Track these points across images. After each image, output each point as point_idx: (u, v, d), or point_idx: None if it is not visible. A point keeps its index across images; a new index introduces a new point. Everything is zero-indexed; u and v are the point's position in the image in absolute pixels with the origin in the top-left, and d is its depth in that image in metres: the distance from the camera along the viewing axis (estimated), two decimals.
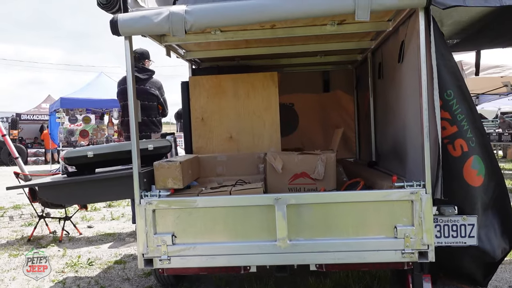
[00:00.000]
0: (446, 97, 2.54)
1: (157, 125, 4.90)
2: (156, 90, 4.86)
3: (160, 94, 4.90)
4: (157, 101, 4.88)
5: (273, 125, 3.31)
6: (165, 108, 4.99)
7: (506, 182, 2.80)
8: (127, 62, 2.42)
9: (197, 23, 2.30)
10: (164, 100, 4.96)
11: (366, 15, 2.22)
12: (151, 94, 4.74)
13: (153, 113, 4.83)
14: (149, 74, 4.84)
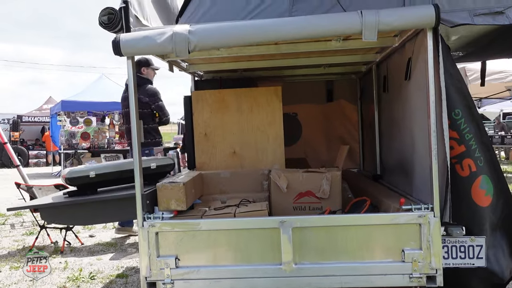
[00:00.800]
0: (454, 117, 2.50)
1: (151, 133, 4.92)
2: (147, 97, 4.86)
3: (152, 101, 4.89)
4: (149, 109, 4.89)
5: (277, 140, 3.27)
6: (162, 115, 4.96)
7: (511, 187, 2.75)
8: (130, 81, 2.38)
9: (200, 43, 2.26)
10: (158, 107, 4.93)
11: (373, 36, 2.18)
12: (141, 102, 4.74)
13: (145, 121, 4.84)
14: (142, 82, 4.86)
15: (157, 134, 5.04)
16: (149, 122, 4.93)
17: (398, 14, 2.18)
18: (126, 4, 2.35)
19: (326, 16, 2.23)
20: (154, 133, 5.00)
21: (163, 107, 4.97)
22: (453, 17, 2.43)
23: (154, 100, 4.91)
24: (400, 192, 2.99)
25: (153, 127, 4.99)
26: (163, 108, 4.96)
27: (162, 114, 4.97)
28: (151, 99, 4.90)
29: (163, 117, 4.98)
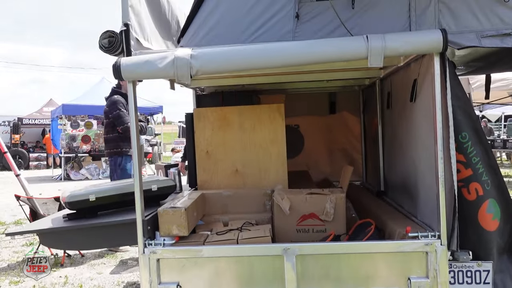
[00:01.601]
0: (461, 140, 2.45)
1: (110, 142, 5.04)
2: (107, 107, 4.98)
3: (110, 110, 4.95)
4: (108, 118, 5.01)
5: (279, 158, 3.22)
6: (118, 124, 4.97)
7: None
8: (131, 105, 2.33)
9: (203, 69, 2.21)
10: (115, 116, 4.95)
11: (379, 62, 2.14)
12: (104, 112, 5.03)
13: (106, 130, 5.07)
14: (111, 93, 5.03)
15: (121, 143, 5.05)
16: (109, 132, 5.07)
17: (404, 39, 2.13)
18: (127, 27, 2.31)
19: (331, 42, 2.19)
20: (115, 142, 5.06)
21: (120, 116, 4.96)
22: (460, 39, 2.39)
23: (112, 109, 4.96)
24: (404, 212, 2.94)
25: (113, 137, 5.06)
26: (120, 117, 4.95)
27: (119, 123, 4.96)
28: (110, 108, 4.97)
29: (119, 126, 4.96)
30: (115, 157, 5.05)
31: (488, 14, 2.43)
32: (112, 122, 5.00)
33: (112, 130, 5.04)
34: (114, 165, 5.09)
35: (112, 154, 5.08)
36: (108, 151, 5.15)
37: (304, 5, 2.51)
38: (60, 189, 11.77)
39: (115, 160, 5.06)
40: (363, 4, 2.48)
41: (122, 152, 5.05)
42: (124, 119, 4.89)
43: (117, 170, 5.06)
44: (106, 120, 5.08)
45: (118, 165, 5.05)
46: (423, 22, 2.45)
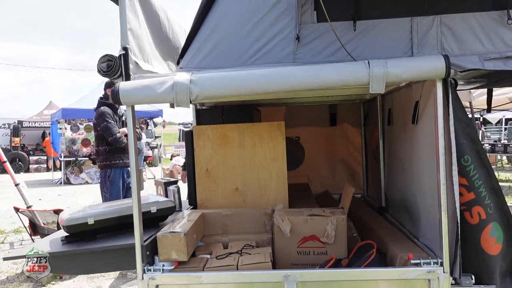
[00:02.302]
0: (463, 163, 2.42)
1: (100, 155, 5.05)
2: (95, 120, 5.01)
3: (98, 123, 4.97)
4: (96, 131, 5.04)
5: (280, 177, 3.19)
6: (107, 136, 4.96)
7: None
8: (129, 129, 2.31)
9: (203, 94, 2.19)
10: (103, 128, 4.96)
11: (381, 88, 2.11)
12: (92, 124, 5.13)
13: (97, 143, 5.08)
14: (98, 105, 5.04)
15: (110, 155, 5.05)
16: (99, 144, 5.07)
17: (406, 65, 2.10)
18: (126, 51, 2.28)
19: (332, 67, 2.16)
20: (105, 155, 5.05)
21: (108, 127, 4.95)
22: (463, 62, 2.36)
23: (100, 121, 4.97)
24: (406, 232, 2.92)
25: (103, 150, 5.06)
26: (108, 129, 4.96)
27: (107, 135, 4.96)
28: (98, 121, 4.98)
29: (108, 137, 4.96)
30: (105, 169, 5.07)
31: (491, 36, 2.41)
32: (101, 135, 5.02)
33: (102, 143, 5.06)
34: (103, 177, 5.13)
35: (102, 166, 5.10)
36: (98, 163, 5.17)
37: (304, 27, 2.48)
38: (60, 194, 11.77)
39: (104, 172, 5.10)
40: (365, 26, 2.45)
41: (111, 165, 5.06)
42: (112, 131, 4.89)
43: (107, 182, 5.09)
44: (95, 132, 5.09)
45: (108, 178, 5.06)
46: (425, 44, 2.43)
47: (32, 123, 20.29)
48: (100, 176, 5.23)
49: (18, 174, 18.34)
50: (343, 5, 2.46)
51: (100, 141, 5.10)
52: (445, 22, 2.42)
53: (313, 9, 2.48)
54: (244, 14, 2.48)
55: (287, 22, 2.47)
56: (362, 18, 2.45)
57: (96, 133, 5.11)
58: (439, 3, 2.42)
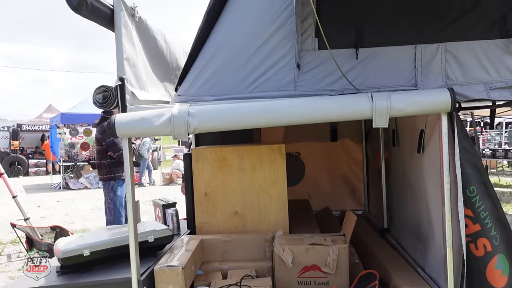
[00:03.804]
0: (468, 194, 2.37)
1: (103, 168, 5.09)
2: (100, 134, 5.04)
3: (103, 138, 4.99)
4: (101, 145, 5.04)
5: (280, 200, 3.13)
6: (113, 151, 5.01)
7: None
8: (126, 162, 2.24)
9: (201, 127, 2.13)
10: (108, 143, 4.99)
11: (385, 123, 2.05)
12: (96, 138, 5.13)
13: (99, 156, 5.10)
14: (103, 119, 5.03)
15: (114, 168, 5.10)
16: (101, 158, 5.12)
17: (411, 99, 2.05)
18: (122, 81, 2.22)
19: (334, 100, 2.10)
20: (108, 168, 5.11)
21: (114, 143, 4.99)
22: (468, 91, 2.31)
23: (104, 136, 5.00)
24: (409, 259, 2.86)
25: (106, 163, 5.10)
26: (114, 144, 5.00)
27: (113, 150, 5.00)
28: (102, 136, 5.01)
29: (115, 153, 5.00)
30: (108, 182, 5.14)
31: (496, 64, 2.35)
32: (104, 149, 5.05)
33: (105, 156, 5.13)
34: (107, 189, 5.20)
35: (106, 179, 5.18)
36: (101, 177, 5.23)
37: (305, 54, 2.42)
38: (59, 200, 11.69)
39: (108, 184, 5.18)
40: (367, 53, 2.39)
41: (115, 177, 5.17)
42: (119, 146, 4.94)
43: (110, 193, 5.19)
44: (98, 146, 5.11)
45: (111, 189, 5.15)
46: (430, 73, 2.37)
47: (32, 126, 20.20)
48: (103, 189, 5.26)
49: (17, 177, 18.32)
50: (345, 32, 2.40)
51: (103, 155, 5.13)
52: (449, 50, 2.37)
53: (314, 36, 2.42)
54: (243, 41, 2.41)
55: (288, 49, 2.41)
56: (365, 46, 2.39)
57: (100, 147, 5.11)
58: (444, 31, 2.36)
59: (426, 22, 2.35)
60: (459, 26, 2.35)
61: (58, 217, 9.31)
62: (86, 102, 14.81)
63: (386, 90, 2.34)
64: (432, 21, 2.35)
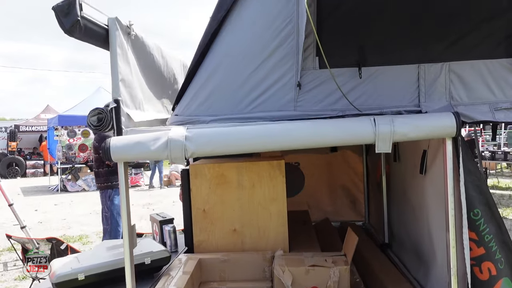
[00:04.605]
0: (473, 217, 2.31)
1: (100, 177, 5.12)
2: (97, 142, 5.06)
3: (99, 146, 4.97)
4: (98, 154, 5.08)
5: (279, 218, 3.07)
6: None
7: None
8: (122, 187, 2.18)
9: (199, 151, 2.06)
10: None
11: (388, 148, 1.99)
12: (94, 147, 5.17)
13: (97, 165, 5.14)
14: None
15: (111, 177, 5.12)
16: (99, 166, 5.14)
17: (415, 124, 1.98)
18: (118, 103, 2.16)
19: (336, 124, 2.03)
20: (106, 176, 5.12)
21: None
22: (472, 112, 2.25)
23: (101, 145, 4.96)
24: (411, 280, 2.81)
25: (104, 171, 5.12)
26: None
27: None
28: (100, 144, 5.01)
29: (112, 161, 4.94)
30: (105, 190, 5.13)
31: (501, 84, 2.30)
32: (101, 157, 4.97)
33: (102, 165, 5.13)
34: (104, 197, 5.21)
35: (103, 188, 5.18)
36: (99, 185, 5.20)
37: (306, 73, 2.36)
38: (56, 204, 11.63)
39: (105, 193, 5.18)
40: (370, 73, 2.33)
41: (112, 186, 5.18)
42: None
43: (107, 202, 5.19)
44: (96, 155, 5.09)
45: (108, 197, 5.13)
46: (433, 93, 2.31)
47: (29, 127, 20.13)
48: (101, 197, 5.25)
49: (15, 179, 18.24)
50: (347, 51, 2.34)
51: (101, 164, 5.15)
52: (453, 69, 2.31)
53: (315, 55, 2.35)
54: (242, 60, 2.35)
55: (288, 68, 2.34)
56: (367, 65, 2.33)
57: (97, 156, 5.12)
58: (448, 50, 2.30)
59: (429, 41, 2.29)
60: (463, 45, 2.29)
61: (56, 221, 9.26)
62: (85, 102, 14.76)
63: (389, 111, 2.29)
64: (435, 40, 2.29)
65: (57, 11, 1.84)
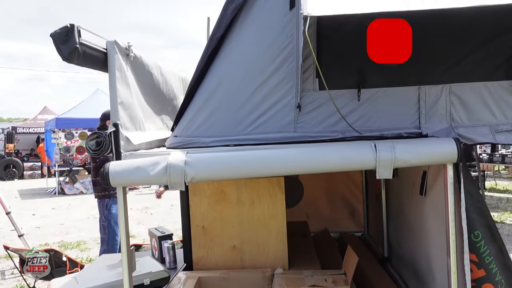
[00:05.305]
0: (473, 239, 2.31)
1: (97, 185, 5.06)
2: None
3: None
4: (95, 162, 4.99)
5: (279, 235, 3.06)
6: None
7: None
8: (121, 212, 2.16)
9: (198, 176, 2.04)
10: (102, 160, 4.91)
11: (389, 174, 1.98)
12: (91, 156, 5.07)
13: (94, 174, 5.08)
14: None
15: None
16: (96, 175, 5.08)
17: (416, 150, 1.97)
18: (116, 127, 2.14)
19: (337, 150, 2.02)
20: (101, 185, 4.95)
21: (108, 159, 4.90)
22: (473, 134, 2.25)
23: None
24: None
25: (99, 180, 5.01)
26: (108, 160, 4.91)
27: None
28: None
29: None
30: (103, 199, 5.09)
31: (502, 106, 2.29)
32: (99, 166, 4.96)
33: (98, 174, 5.00)
34: (102, 206, 5.17)
35: (100, 197, 5.14)
36: (96, 194, 5.16)
37: (306, 95, 2.35)
38: (54, 208, 11.58)
39: (102, 202, 5.13)
40: (370, 94, 2.32)
41: (110, 195, 5.12)
42: None
43: (104, 211, 5.15)
44: (93, 163, 5.04)
45: (106, 207, 5.10)
46: (434, 115, 2.30)
47: (27, 128, 20.04)
48: (98, 206, 5.20)
49: (12, 181, 18.18)
50: (347, 72, 2.33)
51: (98, 173, 5.05)
52: (454, 91, 2.30)
53: (315, 77, 2.34)
54: (241, 81, 2.34)
55: (287, 90, 2.33)
56: (367, 86, 2.32)
57: (95, 165, 5.04)
58: (448, 72, 2.29)
59: (430, 63, 2.28)
60: (463, 67, 2.28)
61: (53, 226, 9.22)
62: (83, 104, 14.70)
63: (389, 133, 2.29)
64: (436, 62, 2.28)
65: (55, 38, 1.82)
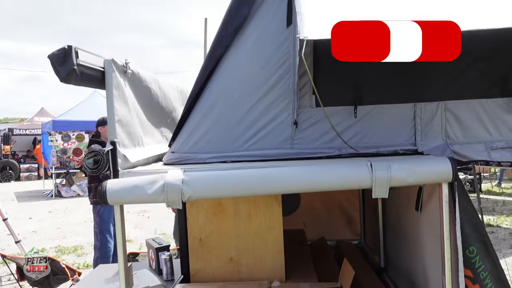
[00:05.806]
0: (468, 254, 2.33)
1: (91, 191, 5.10)
2: None
3: None
4: None
5: (276, 246, 3.07)
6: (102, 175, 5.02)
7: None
8: (118, 230, 2.17)
9: (196, 195, 2.06)
10: None
11: (384, 193, 2.00)
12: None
13: (89, 180, 5.14)
14: (90, 143, 5.15)
15: None
16: (90, 181, 5.15)
17: (411, 169, 1.99)
18: (114, 145, 2.15)
19: (334, 169, 2.03)
20: (95, 191, 5.05)
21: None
22: (468, 151, 2.27)
23: None
24: None
25: (94, 187, 5.09)
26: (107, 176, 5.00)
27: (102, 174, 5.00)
28: None
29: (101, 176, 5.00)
30: (96, 206, 5.10)
31: (497, 124, 2.32)
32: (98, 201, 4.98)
33: (94, 180, 5.10)
34: (95, 213, 5.19)
35: (93, 203, 5.17)
36: (90, 200, 5.19)
37: (303, 111, 2.37)
38: (51, 211, 11.56)
39: (95, 208, 5.16)
40: (366, 111, 2.34)
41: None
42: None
43: (97, 218, 5.19)
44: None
45: (98, 213, 5.13)
46: (429, 132, 2.33)
47: (23, 130, 20.00)
48: (92, 213, 5.23)
49: (9, 182, 18.15)
50: (343, 89, 2.35)
51: (92, 179, 5.10)
52: (449, 108, 2.32)
53: (312, 93, 2.36)
54: (238, 98, 2.35)
55: (284, 106, 2.35)
56: (363, 103, 2.34)
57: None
58: (443, 89, 2.31)
59: (425, 80, 2.31)
60: (459, 84, 2.31)
61: (50, 230, 9.21)
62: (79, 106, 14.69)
63: (385, 150, 2.31)
64: (432, 79, 2.30)
65: (53, 60, 1.83)
